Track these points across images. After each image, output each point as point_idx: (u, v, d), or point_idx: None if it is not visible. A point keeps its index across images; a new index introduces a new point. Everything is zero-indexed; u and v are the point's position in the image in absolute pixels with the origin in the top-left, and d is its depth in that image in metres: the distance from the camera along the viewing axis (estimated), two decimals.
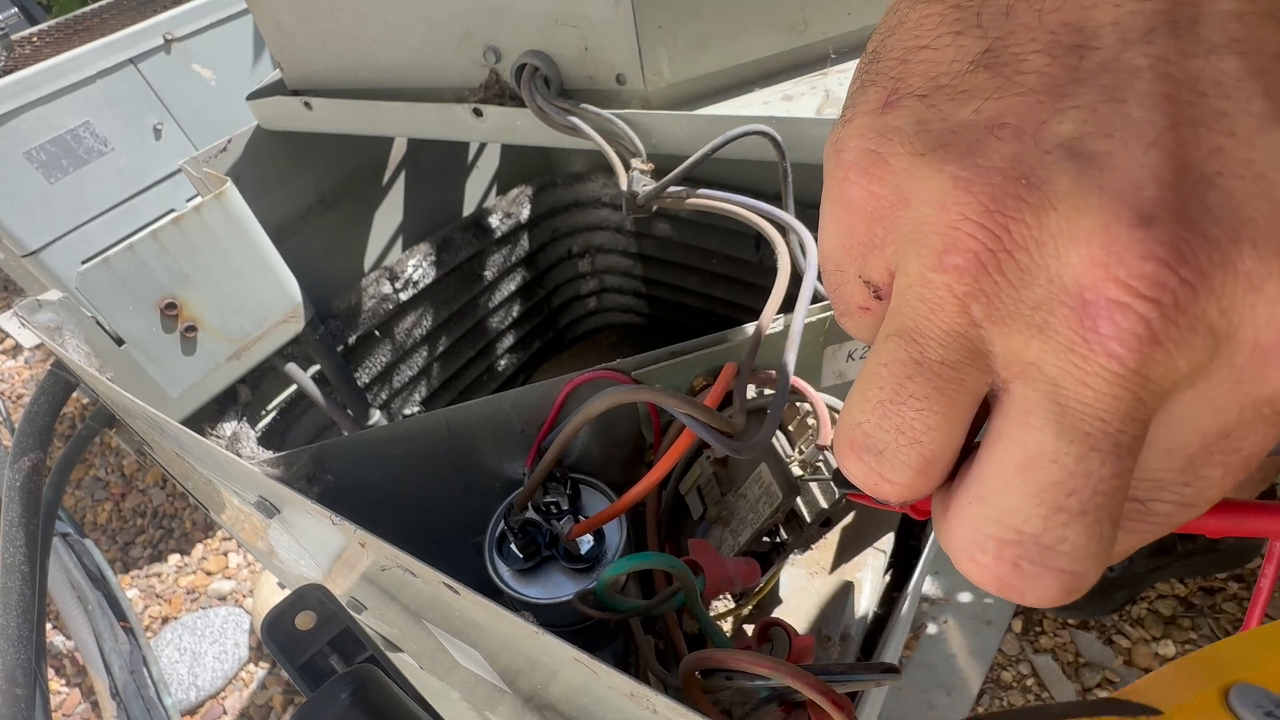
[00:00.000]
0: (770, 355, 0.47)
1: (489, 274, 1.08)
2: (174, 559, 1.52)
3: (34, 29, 1.40)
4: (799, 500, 0.47)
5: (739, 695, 0.37)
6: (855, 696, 0.41)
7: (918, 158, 0.16)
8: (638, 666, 0.46)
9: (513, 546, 0.44)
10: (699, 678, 0.34)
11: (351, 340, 0.91)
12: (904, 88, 0.16)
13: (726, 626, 0.56)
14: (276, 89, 0.75)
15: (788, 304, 0.44)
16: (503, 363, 1.17)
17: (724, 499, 0.50)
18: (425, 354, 1.03)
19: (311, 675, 0.29)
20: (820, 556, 0.60)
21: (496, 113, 0.59)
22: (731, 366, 0.43)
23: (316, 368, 0.89)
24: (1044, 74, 0.14)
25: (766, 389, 0.46)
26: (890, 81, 0.17)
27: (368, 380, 0.96)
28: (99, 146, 1.22)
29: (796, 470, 0.46)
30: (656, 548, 0.51)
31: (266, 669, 1.29)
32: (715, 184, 0.50)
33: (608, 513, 0.43)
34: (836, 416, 0.41)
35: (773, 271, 0.44)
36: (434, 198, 1.00)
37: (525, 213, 1.09)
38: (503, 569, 0.44)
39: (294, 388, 0.87)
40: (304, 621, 0.29)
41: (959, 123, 0.15)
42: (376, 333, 0.95)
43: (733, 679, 0.33)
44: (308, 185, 0.84)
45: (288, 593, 0.32)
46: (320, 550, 0.46)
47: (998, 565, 0.16)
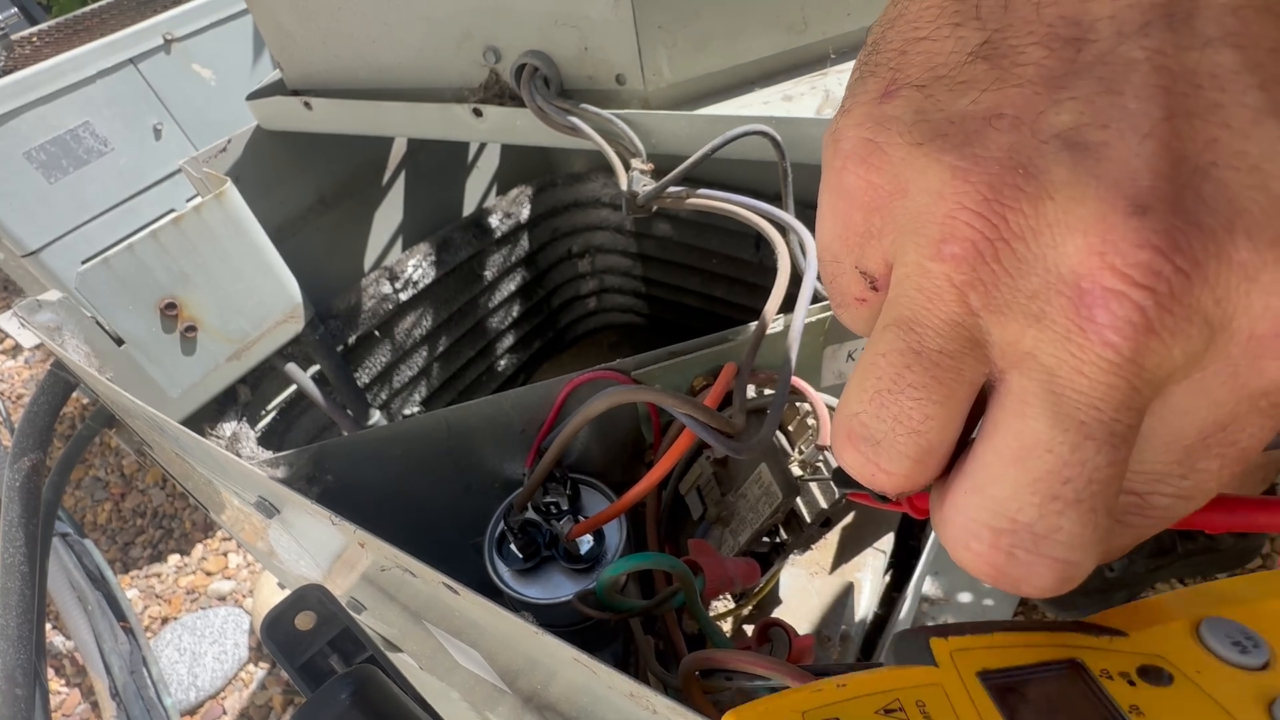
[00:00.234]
0: (770, 355, 0.47)
1: (489, 274, 1.08)
2: (174, 559, 1.52)
3: (34, 29, 1.40)
4: (799, 500, 0.47)
5: (739, 695, 0.37)
6: None
7: (915, 147, 0.16)
8: (637, 666, 0.46)
9: (512, 547, 0.44)
10: (699, 678, 0.34)
11: (351, 340, 0.91)
12: (902, 78, 0.17)
13: (726, 626, 0.56)
14: (276, 89, 0.75)
15: (788, 304, 0.44)
16: (503, 363, 1.17)
17: (724, 499, 0.50)
18: (425, 354, 1.03)
19: (311, 675, 0.28)
20: (820, 556, 0.60)
21: (496, 113, 0.59)
22: (731, 366, 0.43)
23: (316, 368, 0.89)
24: (1041, 66, 0.15)
25: (766, 389, 0.46)
26: (889, 72, 0.17)
27: (368, 380, 0.96)
28: (99, 146, 1.22)
29: (796, 470, 0.46)
30: (656, 548, 0.51)
31: (266, 669, 1.29)
32: (715, 184, 0.50)
33: (608, 513, 0.43)
34: None
35: (773, 271, 0.44)
36: (434, 198, 1.00)
37: (525, 213, 1.09)
38: (502, 569, 0.44)
39: (294, 388, 0.87)
40: (304, 622, 0.29)
41: (957, 113, 0.15)
42: (376, 333, 0.95)
43: (732, 679, 0.33)
44: (308, 185, 0.84)
45: (287, 593, 0.32)
46: (320, 550, 0.46)
47: (993, 554, 0.16)
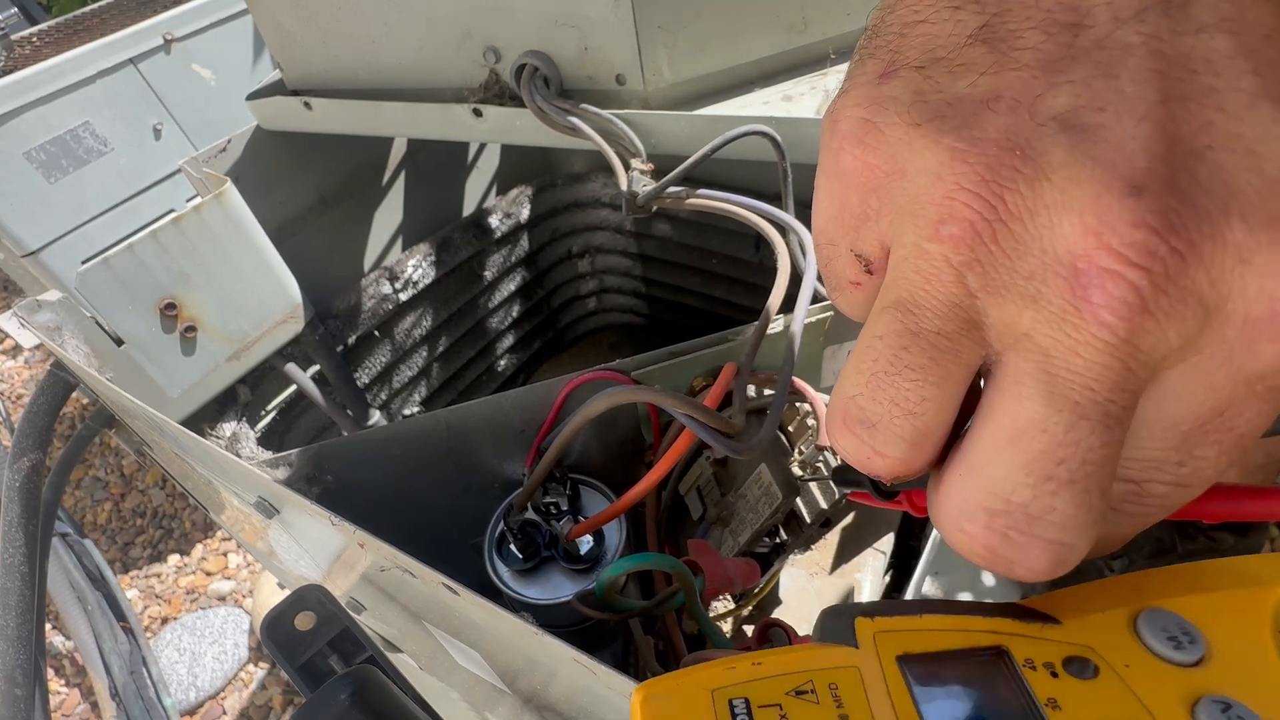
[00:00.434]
0: (770, 355, 0.47)
1: (489, 274, 1.08)
2: (173, 559, 1.52)
3: (34, 29, 1.40)
4: (799, 501, 0.47)
5: None
6: None
7: (914, 127, 0.16)
8: (637, 667, 0.46)
9: (512, 547, 0.44)
10: None
11: (351, 340, 0.91)
12: (901, 60, 0.17)
13: (726, 627, 0.56)
14: (276, 89, 0.75)
15: (788, 304, 0.44)
16: (503, 363, 1.17)
17: (724, 499, 0.50)
18: (425, 354, 1.03)
19: (311, 675, 0.28)
20: (820, 556, 0.60)
21: (496, 113, 0.59)
22: (731, 367, 0.43)
23: (316, 368, 0.89)
24: (1039, 50, 0.15)
25: (766, 389, 0.46)
26: (888, 54, 0.17)
27: (367, 380, 0.96)
28: (99, 146, 1.22)
29: (796, 470, 0.46)
30: (656, 548, 0.51)
31: (266, 669, 1.29)
32: (715, 184, 0.50)
33: (607, 513, 0.43)
34: None
35: (773, 271, 0.44)
36: (434, 198, 1.00)
37: (525, 213, 1.09)
38: (502, 569, 0.44)
39: (294, 388, 0.87)
40: (303, 622, 0.29)
41: (955, 95, 0.15)
42: (376, 333, 0.95)
43: None
44: (308, 185, 0.84)
45: (287, 593, 0.32)
46: (320, 551, 0.46)
47: (987, 535, 0.16)
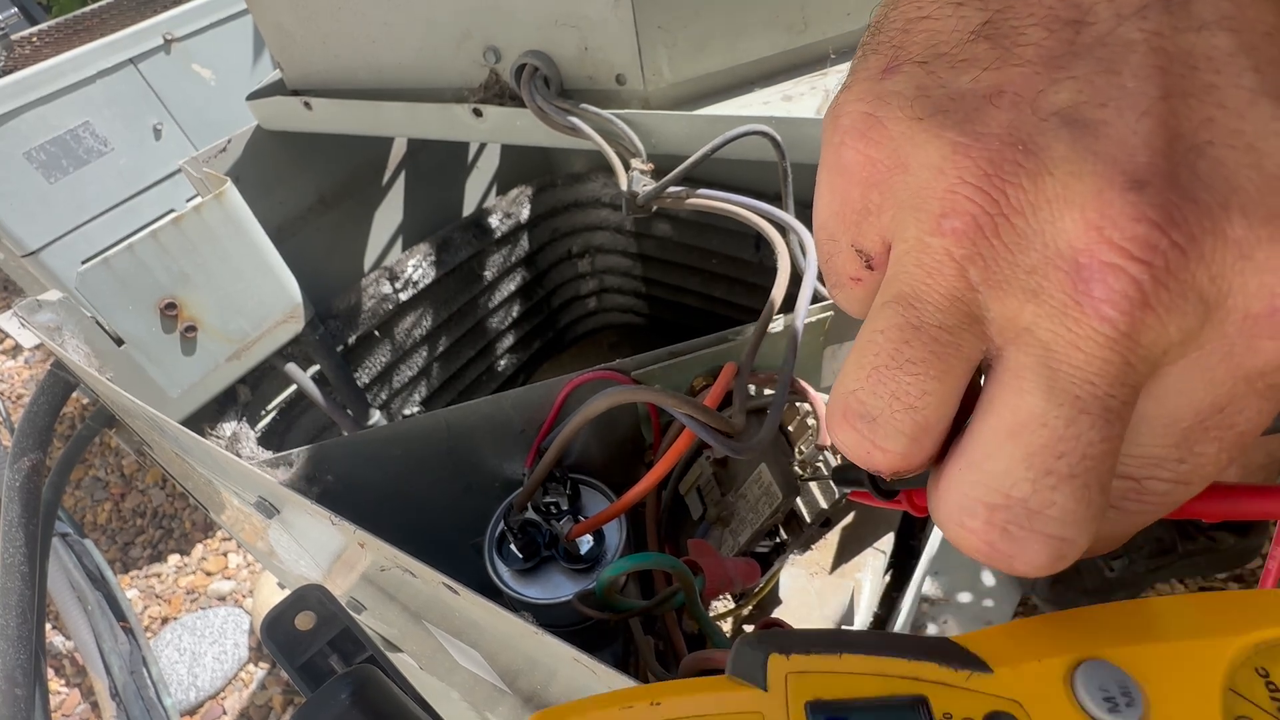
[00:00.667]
0: (770, 355, 0.47)
1: (489, 274, 1.08)
2: (174, 559, 1.52)
3: (34, 29, 1.40)
4: (799, 501, 0.47)
5: None
6: None
7: (916, 122, 0.16)
8: (637, 667, 0.46)
9: (512, 547, 0.44)
10: None
11: (351, 340, 0.91)
12: (904, 55, 0.17)
13: (726, 627, 0.56)
14: (276, 89, 0.75)
15: (788, 304, 0.44)
16: (503, 363, 1.17)
17: (724, 499, 0.50)
18: (425, 354, 1.03)
19: (311, 675, 0.28)
20: (820, 556, 0.60)
21: (496, 113, 0.59)
22: (731, 366, 0.43)
23: (316, 368, 0.89)
24: (1041, 46, 0.15)
25: (766, 389, 0.46)
26: (891, 49, 0.17)
27: (368, 380, 0.96)
28: (99, 146, 1.22)
29: (796, 470, 0.46)
30: (656, 548, 0.51)
31: (266, 669, 1.29)
32: (715, 184, 0.50)
33: (607, 513, 0.43)
34: None
35: (773, 271, 0.44)
36: (434, 198, 1.00)
37: (525, 213, 1.09)
38: (502, 569, 0.44)
39: (294, 388, 0.87)
40: (303, 622, 0.29)
41: (958, 90, 0.16)
42: (376, 333, 0.95)
43: None
44: (308, 185, 0.84)
45: (287, 593, 0.32)
46: (320, 550, 0.46)
47: (987, 530, 0.16)
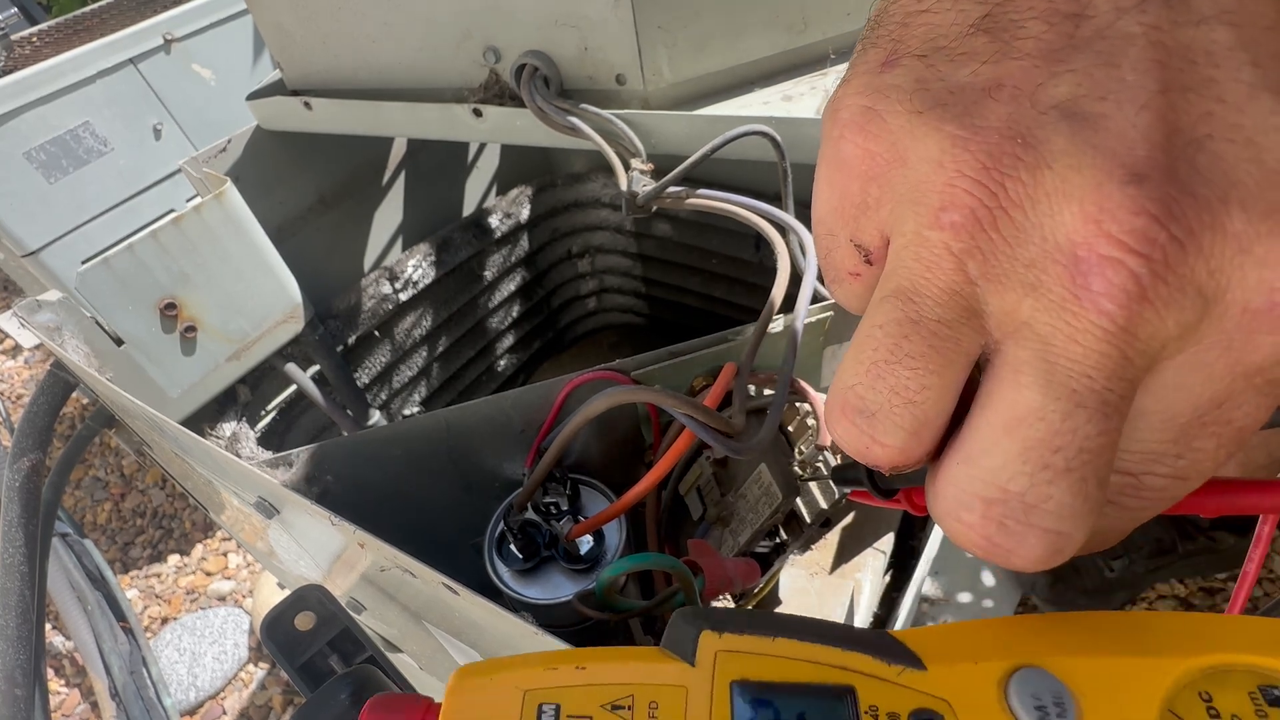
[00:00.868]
0: (770, 355, 0.47)
1: (489, 274, 1.08)
2: (173, 559, 1.52)
3: (34, 29, 1.40)
4: (799, 501, 0.47)
5: None
6: None
7: (916, 115, 0.16)
8: None
9: (512, 547, 0.44)
10: None
11: (351, 340, 0.91)
12: (903, 48, 0.17)
13: None
14: (276, 89, 0.75)
15: (788, 304, 0.44)
16: (503, 363, 1.17)
17: (724, 499, 0.50)
18: (425, 354, 1.03)
19: (311, 676, 0.28)
20: (820, 557, 0.60)
21: (496, 113, 0.59)
22: (731, 366, 0.43)
23: (316, 368, 0.89)
24: (1041, 40, 0.15)
25: (766, 389, 0.46)
26: (890, 43, 0.17)
27: (367, 380, 0.96)
28: (99, 146, 1.22)
29: (796, 470, 0.46)
30: (656, 548, 0.51)
31: (266, 669, 1.29)
32: (715, 184, 0.50)
33: (607, 513, 0.43)
34: None
35: (773, 271, 0.44)
36: (434, 198, 1.00)
37: (525, 213, 1.09)
38: (502, 569, 0.44)
39: (294, 388, 0.87)
40: (303, 622, 0.29)
41: (957, 83, 0.16)
42: (376, 333, 0.95)
43: None
44: (308, 185, 0.84)
45: (287, 593, 0.32)
46: (320, 551, 0.46)
47: (984, 525, 0.16)
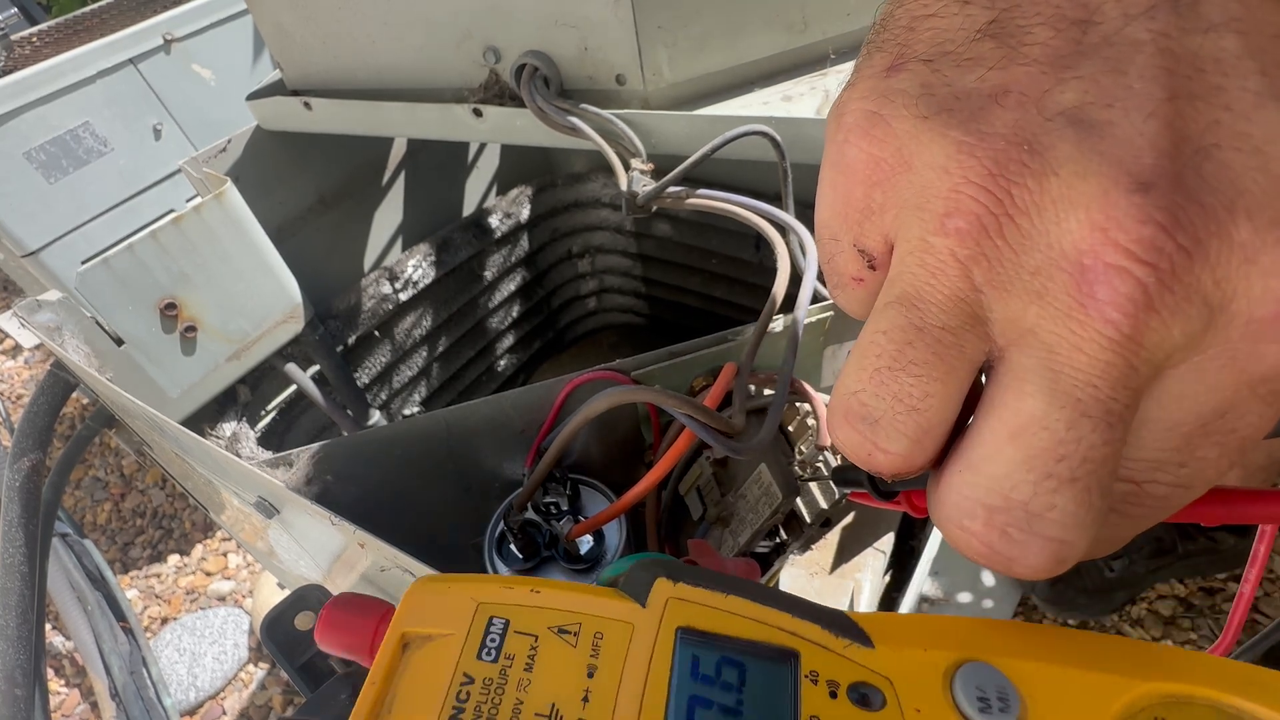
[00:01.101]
0: (770, 355, 0.47)
1: (489, 274, 1.08)
2: (173, 559, 1.52)
3: (34, 29, 1.40)
4: (799, 501, 0.47)
5: None
6: None
7: (921, 120, 0.16)
8: None
9: (512, 547, 0.44)
10: None
11: (351, 340, 0.91)
12: (910, 53, 0.17)
13: None
14: (276, 89, 0.75)
15: (787, 304, 0.44)
16: (502, 363, 1.17)
17: (724, 499, 0.49)
18: (425, 354, 1.03)
19: (311, 675, 0.28)
20: (820, 557, 0.60)
21: (496, 113, 0.59)
22: (731, 366, 0.43)
23: (316, 368, 0.89)
24: (1048, 46, 0.15)
25: (766, 389, 0.46)
26: (896, 47, 0.17)
27: (367, 380, 0.96)
28: (99, 147, 1.22)
29: (796, 470, 0.46)
30: (656, 548, 0.51)
31: (266, 669, 1.29)
32: (715, 184, 0.50)
33: (607, 513, 0.43)
34: None
35: (773, 271, 0.44)
36: (434, 198, 1.00)
37: (525, 213, 1.09)
38: (502, 569, 0.44)
39: (294, 388, 0.87)
40: (303, 622, 0.29)
41: (963, 89, 0.15)
42: (376, 333, 0.95)
43: None
44: (308, 185, 0.84)
45: (287, 593, 0.32)
46: (320, 550, 0.46)
47: (986, 532, 0.16)
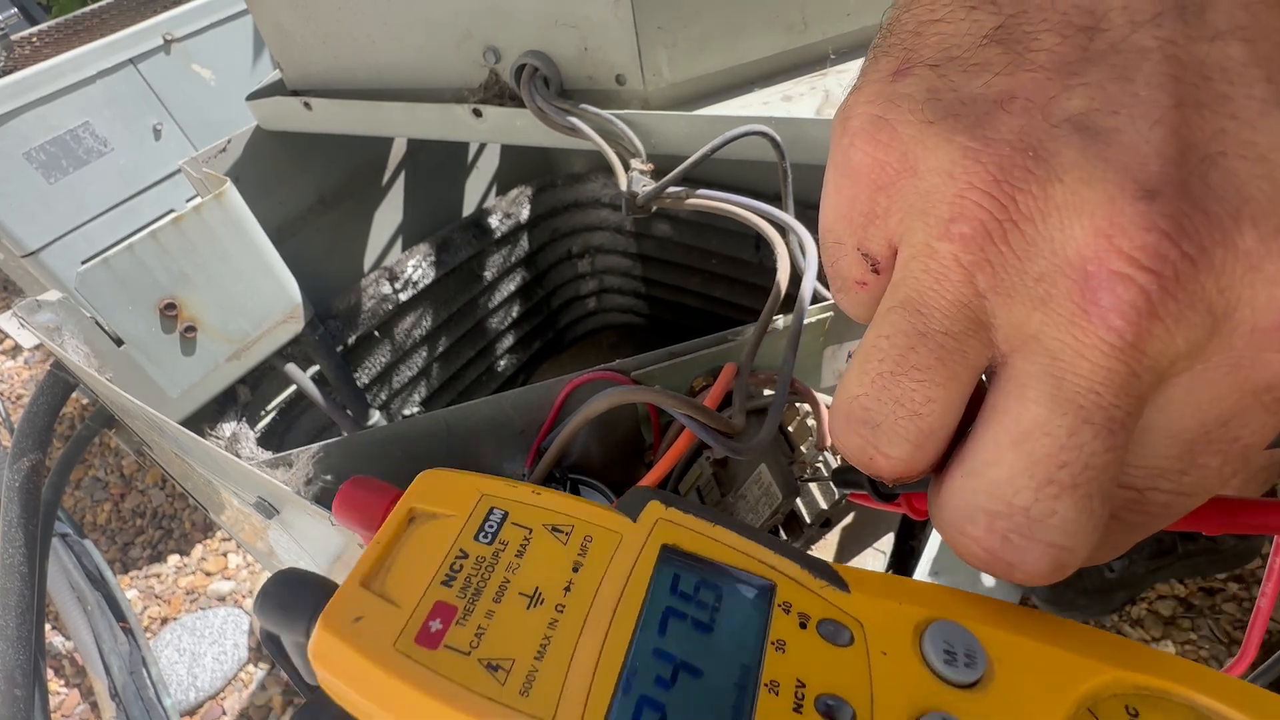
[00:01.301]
0: (770, 355, 0.47)
1: (489, 274, 1.08)
2: (173, 559, 1.51)
3: (34, 29, 1.40)
4: (799, 501, 0.47)
5: None
6: None
7: (927, 125, 0.16)
8: None
9: None
10: None
11: (351, 341, 0.91)
12: (916, 58, 0.17)
13: None
14: (276, 89, 0.75)
15: (787, 304, 0.44)
16: (502, 363, 1.17)
17: (724, 500, 0.49)
18: (425, 354, 1.03)
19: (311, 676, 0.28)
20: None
21: (496, 113, 0.59)
22: (731, 367, 0.43)
23: (316, 368, 0.89)
24: (1054, 52, 0.15)
25: (766, 389, 0.46)
26: (902, 52, 0.17)
27: (367, 381, 0.96)
28: (99, 147, 1.22)
29: (796, 471, 0.46)
30: None
31: (266, 669, 1.29)
32: (715, 184, 0.50)
33: None
34: None
35: (773, 271, 0.44)
36: (434, 198, 1.00)
37: (525, 213, 1.09)
38: None
39: (293, 388, 0.87)
40: None
41: (969, 94, 0.15)
42: (376, 333, 0.95)
43: None
44: (308, 185, 0.84)
45: None
46: (320, 551, 0.46)
47: (987, 538, 0.16)
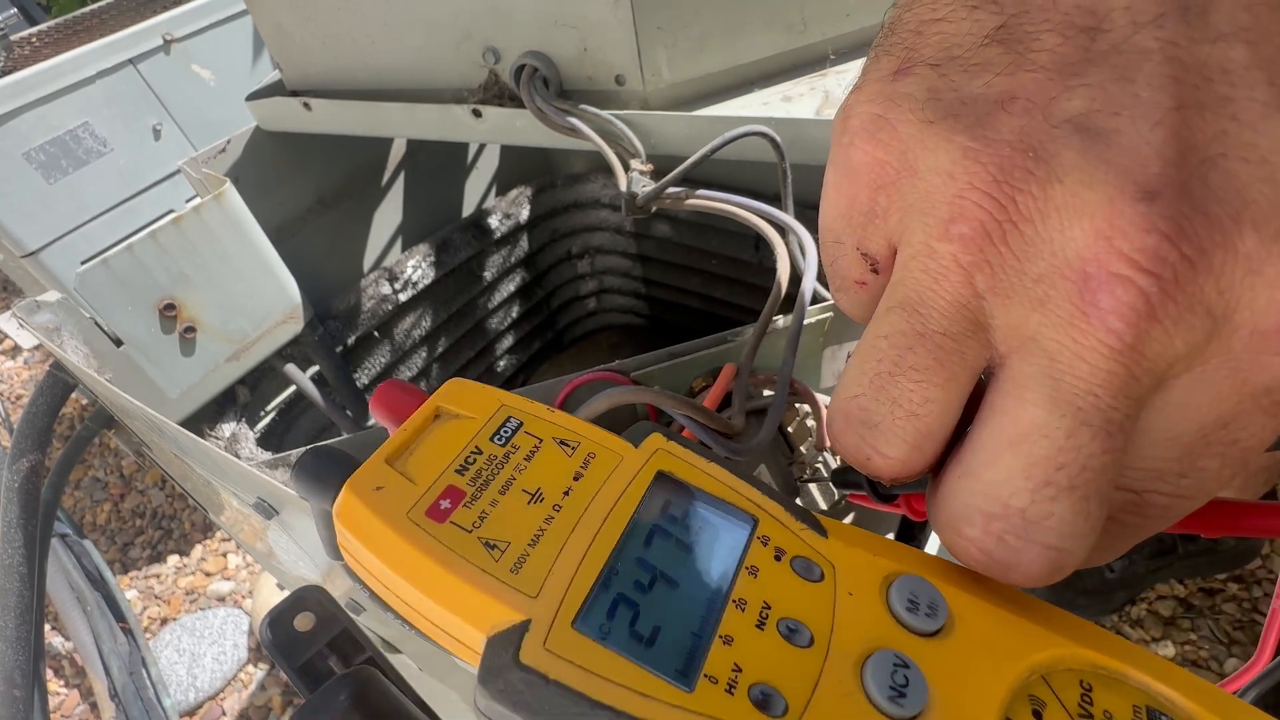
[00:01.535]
0: (770, 355, 0.47)
1: (488, 275, 1.08)
2: (173, 560, 1.51)
3: (34, 29, 1.40)
4: (798, 502, 0.47)
5: None
6: None
7: (927, 125, 0.16)
8: None
9: None
10: None
11: (351, 341, 0.91)
12: (917, 57, 0.16)
13: None
14: (276, 90, 0.75)
15: (787, 304, 0.44)
16: (502, 363, 1.17)
17: None
18: (425, 355, 1.03)
19: (310, 676, 0.28)
20: None
21: (496, 113, 0.59)
22: (731, 367, 0.43)
23: (316, 368, 0.89)
24: (1056, 53, 0.15)
25: (766, 390, 0.46)
26: (904, 51, 0.17)
27: (367, 381, 0.96)
28: (98, 147, 1.22)
29: (795, 472, 0.46)
30: None
31: (265, 670, 1.29)
32: (715, 184, 0.50)
33: None
34: None
35: (773, 272, 0.44)
36: (434, 198, 1.00)
37: (525, 213, 1.09)
38: None
39: (293, 389, 0.87)
40: (303, 623, 0.29)
41: (970, 94, 0.15)
42: (376, 333, 0.95)
43: None
44: (307, 185, 0.84)
45: (286, 594, 0.32)
46: (319, 551, 0.46)
47: (984, 539, 0.16)
